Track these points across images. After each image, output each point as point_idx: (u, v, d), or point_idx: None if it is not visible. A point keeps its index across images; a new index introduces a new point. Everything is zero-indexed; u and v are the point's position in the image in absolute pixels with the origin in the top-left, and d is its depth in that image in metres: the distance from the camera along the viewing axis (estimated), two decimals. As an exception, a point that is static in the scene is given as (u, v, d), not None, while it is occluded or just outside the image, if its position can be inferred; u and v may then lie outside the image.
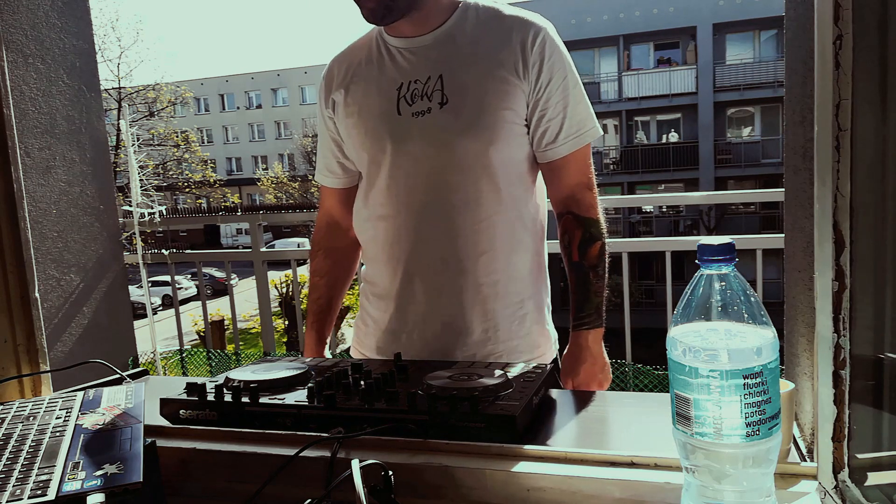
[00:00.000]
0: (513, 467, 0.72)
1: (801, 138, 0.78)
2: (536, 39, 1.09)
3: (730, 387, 0.56)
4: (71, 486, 0.63)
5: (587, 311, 1.15)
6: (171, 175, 22.67)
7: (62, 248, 2.20)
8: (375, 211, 1.19)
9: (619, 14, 18.25)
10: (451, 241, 1.12)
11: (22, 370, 1.00)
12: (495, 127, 1.09)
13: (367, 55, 1.18)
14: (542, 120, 1.12)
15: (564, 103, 1.11)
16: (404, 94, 1.12)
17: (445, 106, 1.09)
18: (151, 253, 3.16)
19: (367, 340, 1.27)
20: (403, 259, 1.16)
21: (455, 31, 1.13)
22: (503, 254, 1.14)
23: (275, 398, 0.88)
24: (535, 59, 1.09)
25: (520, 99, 1.10)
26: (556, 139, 1.12)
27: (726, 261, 0.58)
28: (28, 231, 1.00)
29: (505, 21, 1.12)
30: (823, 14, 0.62)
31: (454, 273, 1.13)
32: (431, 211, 1.12)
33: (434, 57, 1.12)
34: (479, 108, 1.09)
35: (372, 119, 1.14)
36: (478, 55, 1.10)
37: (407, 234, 1.15)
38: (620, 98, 19.19)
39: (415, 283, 1.16)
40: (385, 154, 1.13)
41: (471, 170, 1.10)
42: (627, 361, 2.66)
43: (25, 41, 2.07)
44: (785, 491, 0.67)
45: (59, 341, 2.20)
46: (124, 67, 24.11)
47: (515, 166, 1.13)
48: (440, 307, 1.15)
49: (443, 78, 1.10)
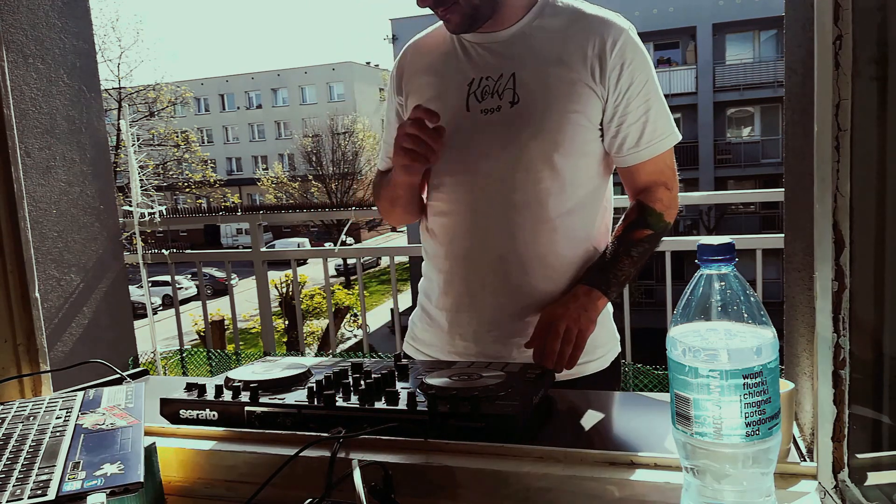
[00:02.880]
0: (513, 467, 0.72)
1: (801, 138, 0.78)
2: (617, 43, 1.06)
3: (729, 387, 0.56)
4: (71, 486, 0.63)
5: (598, 273, 1.10)
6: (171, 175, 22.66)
7: (62, 248, 2.20)
8: (437, 206, 1.17)
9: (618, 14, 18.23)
10: (511, 240, 1.10)
11: (22, 370, 1.00)
12: (564, 129, 1.07)
13: (442, 47, 1.16)
14: (623, 126, 1.09)
15: (646, 108, 1.09)
16: (475, 90, 1.10)
17: (516, 105, 1.07)
18: (151, 253, 3.16)
19: (423, 336, 1.24)
20: (462, 255, 1.14)
21: (531, 29, 1.10)
22: (565, 255, 1.12)
23: (275, 398, 0.88)
24: (614, 64, 1.06)
25: (594, 103, 1.07)
26: (636, 145, 1.10)
27: (726, 261, 0.58)
28: (28, 231, 1.00)
29: (584, 21, 1.09)
30: (823, 14, 0.62)
31: (513, 272, 1.11)
32: (493, 209, 1.10)
33: (507, 54, 1.10)
34: (549, 110, 1.06)
35: (440, 112, 1.10)
36: (552, 56, 1.08)
37: (467, 231, 1.13)
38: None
39: (473, 281, 1.14)
40: (450, 149, 1.11)
41: (535, 170, 1.08)
42: (627, 361, 2.66)
43: (25, 41, 2.07)
44: (785, 491, 0.67)
45: (60, 341, 2.20)
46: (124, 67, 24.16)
47: (583, 168, 1.11)
48: (498, 306, 1.13)
49: (515, 76, 1.08)
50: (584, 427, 0.89)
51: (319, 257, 3.42)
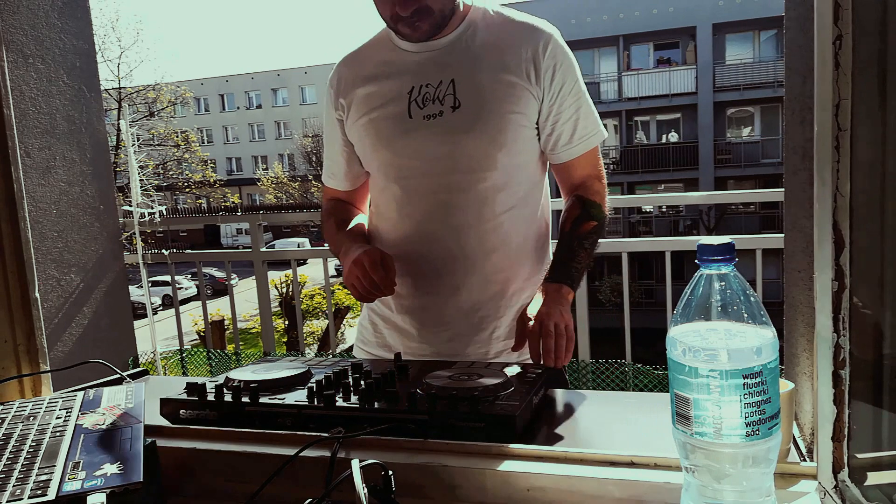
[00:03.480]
0: (513, 467, 0.72)
1: (801, 138, 0.78)
2: (548, 46, 1.12)
3: (729, 386, 0.56)
4: (71, 486, 0.63)
5: (561, 270, 1.14)
6: (171, 175, 22.66)
7: (62, 248, 2.21)
8: (387, 212, 1.21)
9: (618, 14, 18.25)
10: (461, 239, 1.15)
11: (22, 370, 1.01)
12: (505, 130, 1.12)
13: (378, 58, 1.19)
14: (557, 124, 1.15)
15: (576, 107, 1.15)
16: (415, 97, 1.13)
17: (458, 110, 1.11)
18: (151, 253, 3.16)
19: (374, 339, 1.28)
20: (414, 258, 1.18)
21: (466, 36, 1.14)
22: (513, 251, 1.17)
23: (275, 398, 0.88)
24: (547, 66, 1.12)
25: (531, 103, 1.13)
26: (569, 142, 1.16)
27: (726, 261, 0.58)
28: (28, 231, 1.01)
29: (515, 27, 1.14)
30: (823, 14, 0.62)
31: (464, 271, 1.16)
32: (442, 211, 1.14)
33: (446, 61, 1.13)
34: (490, 112, 1.11)
35: (383, 122, 1.16)
36: (489, 61, 1.12)
37: (418, 234, 1.17)
38: (620, 98, 19.19)
39: (424, 282, 1.18)
40: (396, 156, 1.15)
41: (480, 171, 1.12)
42: (627, 361, 2.66)
43: (25, 41, 2.07)
44: (785, 491, 0.67)
45: (60, 341, 2.20)
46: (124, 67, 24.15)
47: (523, 167, 1.17)
48: (450, 305, 1.17)
49: (455, 82, 1.12)
50: (583, 427, 0.89)
51: (319, 257, 3.41)
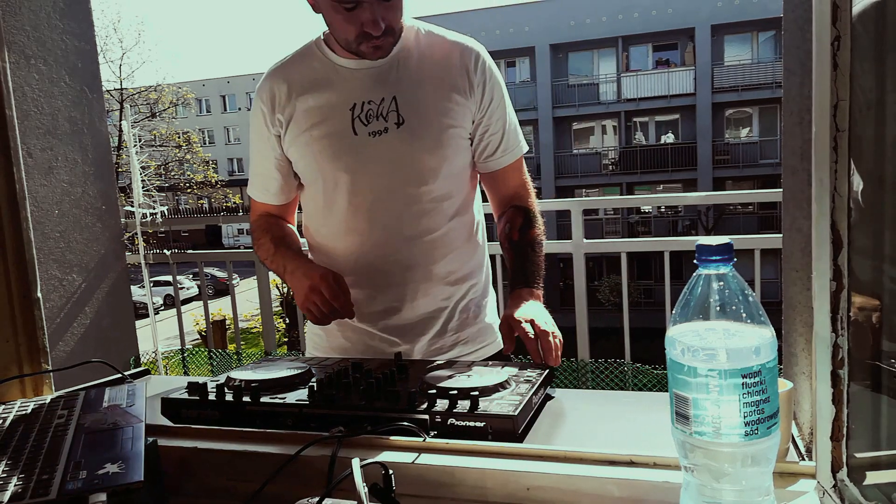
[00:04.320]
0: (512, 466, 0.72)
1: (799, 139, 0.78)
2: (478, 63, 1.19)
3: (728, 386, 0.56)
4: (73, 486, 0.63)
5: (524, 275, 1.21)
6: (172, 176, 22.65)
7: (64, 249, 2.21)
8: (337, 227, 1.23)
9: (617, 15, 18.24)
10: (414, 249, 1.20)
11: (24, 370, 1.01)
12: (448, 143, 1.18)
13: (313, 74, 1.19)
14: (486, 135, 1.22)
15: (503, 120, 1.23)
16: (358, 114, 1.16)
17: (402, 126, 1.15)
18: (153, 253, 3.16)
19: (328, 343, 1.30)
20: (367, 272, 1.21)
21: (405, 53, 1.19)
22: (461, 255, 1.25)
23: (276, 397, 0.88)
24: (479, 81, 1.19)
25: (466, 116, 1.19)
26: (496, 152, 1.24)
27: (724, 261, 0.58)
28: (30, 231, 1.01)
29: (447, 46, 1.20)
30: (821, 15, 0.62)
31: (421, 278, 1.21)
32: (393, 224, 1.19)
33: (386, 79, 1.17)
34: (433, 127, 1.17)
35: (327, 139, 1.17)
36: (428, 77, 1.18)
37: (372, 248, 1.20)
38: (619, 99, 19.19)
39: (379, 291, 1.22)
40: (344, 173, 1.18)
41: (426, 183, 1.18)
42: (626, 361, 2.66)
43: (27, 42, 2.07)
44: (783, 490, 0.67)
45: (61, 341, 2.21)
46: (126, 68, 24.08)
47: (463, 176, 1.24)
48: (405, 310, 1.22)
49: (397, 99, 1.16)
50: (583, 426, 0.89)
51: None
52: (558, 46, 18.98)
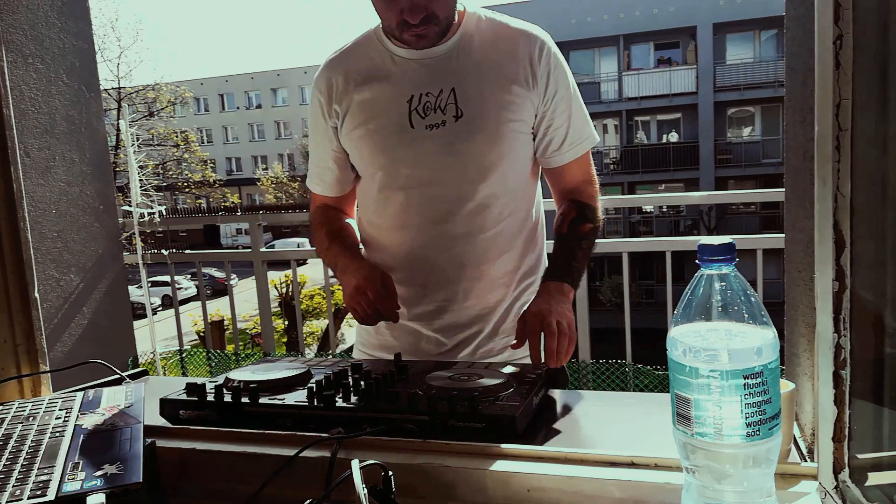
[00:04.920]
0: (513, 467, 0.72)
1: (802, 138, 0.78)
2: (542, 52, 1.13)
3: (730, 387, 0.56)
4: (71, 487, 0.63)
5: (558, 268, 1.14)
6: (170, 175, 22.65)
7: (62, 248, 2.20)
8: (385, 220, 1.20)
9: (619, 14, 18.24)
10: (470, 246, 1.16)
11: (21, 370, 1.00)
12: (508, 137, 1.13)
13: (371, 65, 1.16)
14: (549, 129, 1.16)
15: (568, 113, 1.16)
16: (416, 106, 1.12)
17: (461, 119, 1.11)
18: (151, 253, 3.16)
19: (376, 340, 1.27)
20: (418, 268, 1.18)
21: (464, 43, 1.14)
22: (517, 254, 1.20)
23: (275, 398, 0.88)
24: (542, 72, 1.13)
25: (528, 109, 1.14)
26: (560, 147, 1.17)
27: (726, 261, 0.58)
28: (28, 231, 1.00)
29: (510, 34, 1.15)
30: (824, 14, 0.62)
31: (471, 278, 1.17)
32: (446, 220, 1.15)
33: (446, 70, 1.13)
34: (493, 120, 1.11)
35: (384, 131, 1.14)
36: (488, 68, 1.13)
37: (423, 244, 1.17)
38: (620, 98, 19.18)
39: (429, 289, 1.19)
40: (398, 167, 1.15)
41: (485, 178, 1.13)
42: (628, 361, 2.66)
43: (25, 41, 2.06)
44: (785, 491, 0.67)
45: (59, 341, 2.20)
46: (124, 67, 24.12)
47: (523, 171, 1.19)
48: (454, 310, 1.18)
49: (455, 91, 1.11)
50: (584, 427, 0.88)
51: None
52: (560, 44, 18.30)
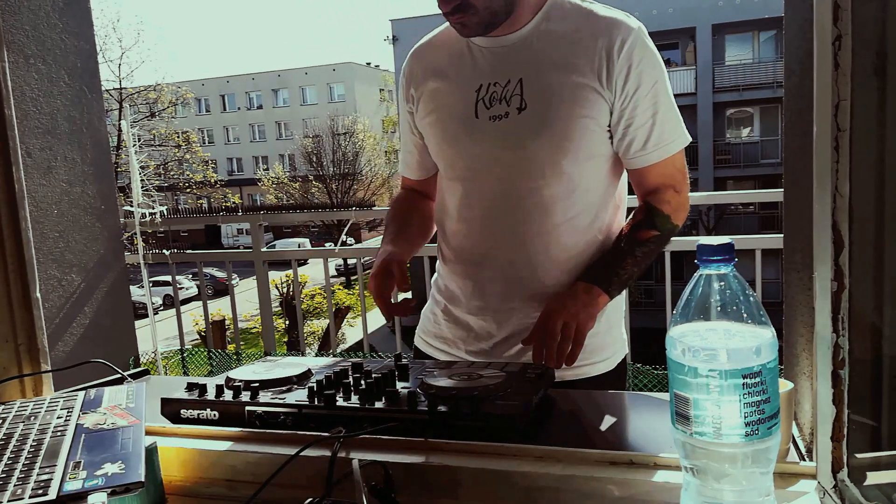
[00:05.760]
0: (513, 467, 0.72)
1: (800, 139, 0.78)
2: (625, 45, 1.04)
3: (729, 386, 0.56)
4: (72, 486, 0.63)
5: (599, 270, 1.08)
6: (172, 175, 22.66)
7: (63, 248, 2.21)
8: (450, 209, 1.19)
9: (619, 14, 18.22)
10: (522, 245, 1.11)
11: (23, 370, 1.01)
12: (573, 135, 1.06)
13: (450, 52, 1.15)
14: (630, 128, 1.08)
15: (653, 111, 1.07)
16: (483, 96, 1.10)
17: (524, 112, 1.07)
18: (152, 253, 3.16)
19: (434, 328, 1.25)
20: (474, 260, 1.16)
21: (539, 32, 1.08)
22: (582, 257, 1.12)
23: (275, 398, 0.88)
24: (621, 67, 1.04)
25: (601, 107, 1.06)
26: (643, 147, 1.09)
27: (725, 261, 0.58)
28: (29, 231, 1.01)
29: (591, 23, 1.07)
30: (822, 15, 0.62)
31: (525, 277, 1.12)
32: (504, 215, 1.11)
33: (515, 59, 1.08)
34: (558, 116, 1.06)
35: (450, 120, 1.13)
36: (560, 60, 1.06)
37: (480, 239, 1.15)
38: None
39: (485, 285, 1.16)
40: (460, 158, 1.13)
41: (544, 176, 1.08)
42: (627, 361, 2.65)
43: (26, 42, 2.07)
44: (784, 490, 0.67)
45: (61, 341, 2.20)
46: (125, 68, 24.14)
47: (592, 171, 1.11)
48: (508, 310, 1.14)
49: (522, 82, 1.07)
50: (583, 426, 0.89)
51: (320, 257, 3.42)
52: None
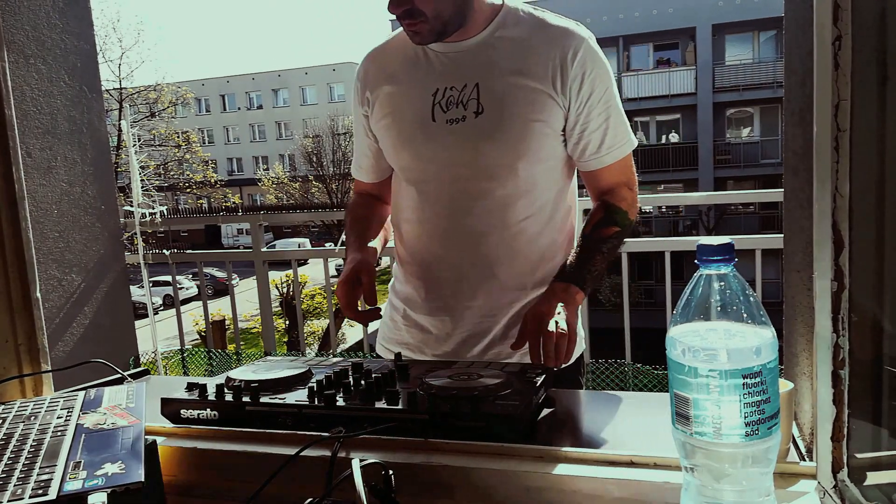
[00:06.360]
0: (513, 467, 0.72)
1: (801, 139, 0.78)
2: (577, 54, 1.09)
3: (729, 386, 0.56)
4: (72, 486, 0.63)
5: (573, 270, 1.11)
6: (172, 175, 22.66)
7: (63, 248, 2.21)
8: (407, 212, 1.21)
9: (618, 15, 18.23)
10: (479, 246, 1.14)
11: (23, 370, 1.01)
12: (528, 138, 1.09)
13: (404, 56, 1.17)
14: (584, 133, 1.12)
15: (606, 115, 1.12)
16: (439, 100, 1.12)
17: (480, 115, 1.09)
18: (152, 253, 3.16)
19: (394, 335, 1.27)
20: (431, 262, 1.18)
21: (494, 39, 1.11)
22: (534, 257, 1.17)
23: (275, 398, 0.88)
24: (575, 74, 1.09)
25: (556, 112, 1.10)
26: (598, 150, 1.14)
27: (725, 261, 0.58)
28: (29, 231, 1.01)
29: (546, 31, 1.11)
30: (822, 15, 0.62)
31: (482, 277, 1.15)
32: (460, 216, 1.14)
33: (471, 64, 1.11)
34: (513, 120, 1.09)
35: (406, 123, 1.15)
36: (515, 66, 1.10)
37: (437, 238, 1.17)
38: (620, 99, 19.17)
39: (442, 285, 1.18)
40: (416, 160, 1.15)
41: (500, 177, 1.11)
42: (627, 361, 2.66)
43: (27, 42, 2.07)
44: (784, 490, 0.67)
45: (61, 341, 2.20)
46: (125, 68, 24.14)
47: (546, 174, 1.15)
48: (464, 309, 1.17)
49: (479, 87, 1.10)
50: (583, 426, 0.89)
51: (320, 257, 3.42)
52: None
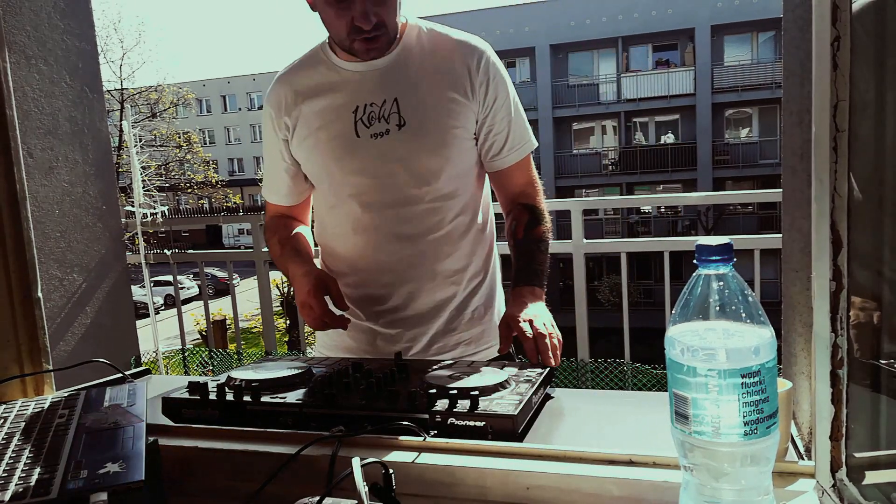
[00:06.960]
0: (512, 466, 0.72)
1: (799, 139, 0.78)
2: (481, 62, 1.18)
3: (728, 386, 0.56)
4: (74, 485, 0.63)
5: (526, 273, 1.20)
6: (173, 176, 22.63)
7: (65, 249, 2.21)
8: (338, 227, 1.25)
9: (617, 16, 18.24)
10: (419, 248, 1.21)
11: (24, 370, 1.01)
12: (450, 144, 1.18)
13: (319, 78, 1.21)
14: (490, 135, 1.22)
15: (508, 119, 1.22)
16: (361, 116, 1.17)
17: (404, 127, 1.16)
18: (154, 253, 3.17)
19: (334, 342, 1.31)
20: (371, 271, 1.23)
21: (406, 54, 1.18)
22: (466, 253, 1.25)
23: (276, 397, 0.88)
24: (481, 81, 1.18)
25: (469, 117, 1.19)
26: (501, 151, 1.23)
27: (724, 261, 0.58)
28: (31, 231, 1.01)
29: (450, 45, 1.19)
30: (821, 15, 0.62)
31: (422, 277, 1.21)
32: (396, 224, 1.20)
33: (388, 80, 1.17)
34: (435, 127, 1.17)
35: (331, 142, 1.19)
36: (429, 78, 1.17)
37: (375, 247, 1.22)
38: (619, 99, 19.18)
39: (384, 291, 1.23)
40: (348, 175, 1.19)
41: (429, 183, 1.18)
42: (626, 361, 2.66)
43: (28, 42, 2.07)
44: (783, 489, 0.67)
45: (62, 341, 2.21)
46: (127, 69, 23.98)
47: (467, 175, 1.24)
48: (410, 309, 1.23)
49: (398, 101, 1.16)
50: (582, 425, 0.89)
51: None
52: (558, 47, 18.98)
